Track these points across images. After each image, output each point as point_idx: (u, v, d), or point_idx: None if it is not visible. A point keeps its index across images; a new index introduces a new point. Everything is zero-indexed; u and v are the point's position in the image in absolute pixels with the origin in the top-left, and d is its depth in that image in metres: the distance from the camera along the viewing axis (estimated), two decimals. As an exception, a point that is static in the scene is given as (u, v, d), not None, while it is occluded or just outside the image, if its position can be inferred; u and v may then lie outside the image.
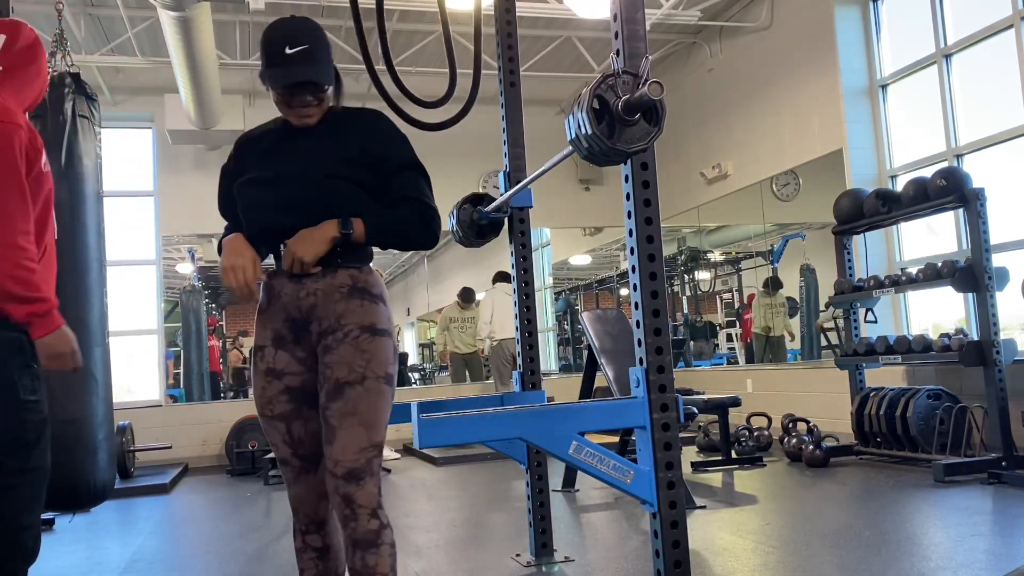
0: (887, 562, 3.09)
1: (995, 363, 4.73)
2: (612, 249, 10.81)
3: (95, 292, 3.88)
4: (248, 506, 5.53)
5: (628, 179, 2.24)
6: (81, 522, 5.06)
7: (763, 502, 4.57)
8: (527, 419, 2.18)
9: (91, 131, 3.97)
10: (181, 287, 8.89)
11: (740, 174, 7.97)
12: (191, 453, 7.85)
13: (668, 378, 2.21)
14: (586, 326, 5.15)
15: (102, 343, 3.90)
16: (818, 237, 7.54)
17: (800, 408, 6.63)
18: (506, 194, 3.29)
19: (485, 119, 4.81)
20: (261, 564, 3.77)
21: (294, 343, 1.97)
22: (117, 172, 7.77)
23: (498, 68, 3.51)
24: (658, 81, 1.81)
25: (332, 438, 1.87)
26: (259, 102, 8.56)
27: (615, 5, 2.19)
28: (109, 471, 3.95)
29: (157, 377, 8.23)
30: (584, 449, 2.16)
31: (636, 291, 2.23)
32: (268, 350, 1.99)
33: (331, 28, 7.60)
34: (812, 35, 6.85)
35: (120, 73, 8.11)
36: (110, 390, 4.01)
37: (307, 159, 2.01)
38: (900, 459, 5.37)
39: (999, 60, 5.63)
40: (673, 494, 2.17)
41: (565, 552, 3.47)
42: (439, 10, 3.12)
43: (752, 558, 3.34)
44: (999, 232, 5.09)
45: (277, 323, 1.99)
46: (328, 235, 1.93)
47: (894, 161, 6.53)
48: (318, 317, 1.94)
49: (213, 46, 6.42)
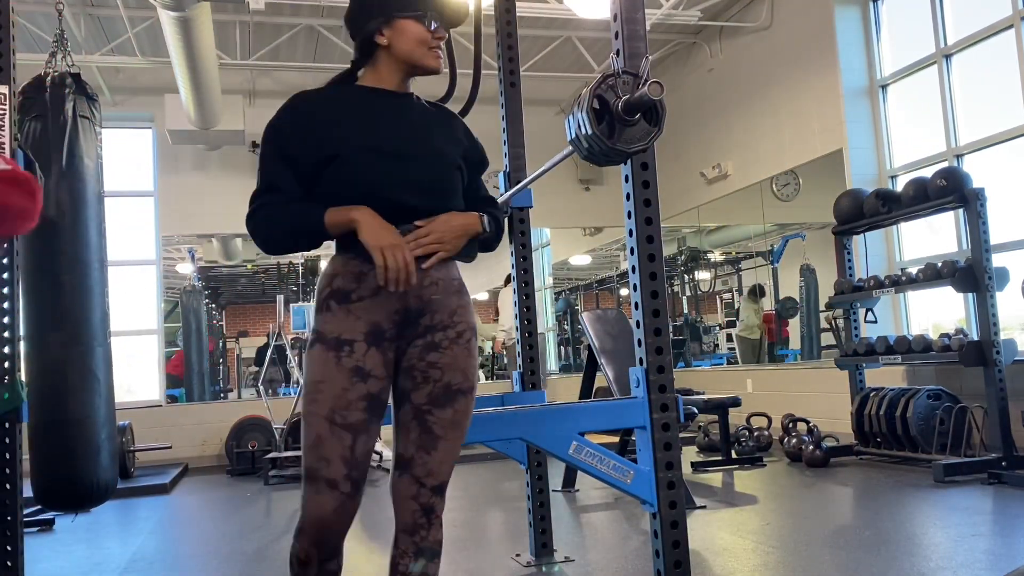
0: (887, 562, 3.09)
1: (995, 363, 4.74)
2: (612, 249, 10.81)
3: (96, 292, 3.88)
4: (248, 506, 5.53)
5: (628, 179, 2.25)
6: (81, 522, 5.06)
7: (763, 502, 4.57)
8: (527, 419, 2.19)
9: (92, 131, 3.97)
10: (181, 287, 8.89)
11: (740, 174, 7.97)
12: (191, 453, 7.85)
13: (668, 378, 2.21)
14: (586, 326, 5.16)
15: (104, 343, 3.90)
16: (818, 237, 7.54)
17: (800, 408, 6.63)
18: (506, 194, 3.30)
19: (485, 119, 4.81)
20: (261, 564, 3.77)
21: (390, 340, 1.76)
22: (117, 172, 7.77)
23: (498, 68, 3.51)
24: (658, 81, 1.81)
25: (432, 448, 1.75)
26: (259, 102, 8.57)
27: (615, 5, 2.19)
28: (111, 471, 3.95)
29: (157, 377, 8.24)
30: (584, 449, 2.16)
31: (636, 291, 2.23)
32: (359, 345, 1.72)
33: (331, 28, 7.61)
34: (812, 35, 6.85)
35: (120, 73, 8.12)
36: (112, 390, 4.01)
37: (435, 141, 1.86)
38: (900, 459, 5.37)
39: (999, 60, 5.63)
40: (673, 494, 2.17)
41: (565, 552, 3.47)
42: (439, 10, 3.11)
43: (752, 558, 3.35)
44: (999, 232, 5.09)
45: (379, 315, 1.74)
46: (473, 229, 1.81)
47: (894, 161, 6.53)
48: (433, 310, 1.78)
49: (213, 46, 6.42)
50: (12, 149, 2.79)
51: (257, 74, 8.43)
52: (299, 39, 7.88)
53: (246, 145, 8.34)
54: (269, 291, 9.46)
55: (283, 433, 6.85)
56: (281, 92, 8.69)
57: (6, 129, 2.78)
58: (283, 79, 8.64)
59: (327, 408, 1.70)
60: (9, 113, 2.79)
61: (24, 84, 3.74)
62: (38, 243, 3.73)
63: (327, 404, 1.70)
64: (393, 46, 1.82)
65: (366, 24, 1.83)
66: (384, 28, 1.81)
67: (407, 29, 1.81)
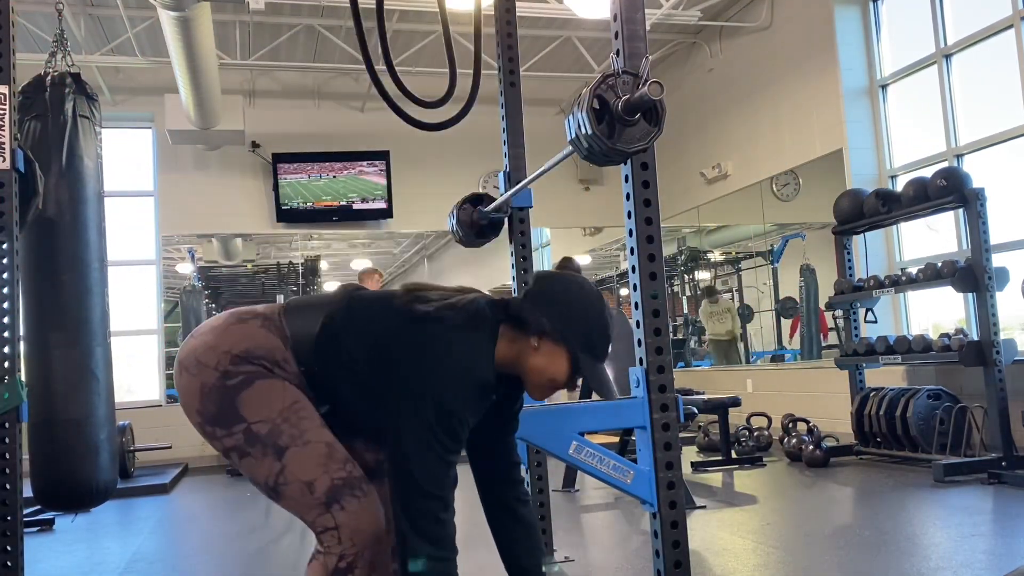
0: (887, 562, 3.09)
1: (995, 363, 4.73)
2: (612, 249, 10.81)
3: (96, 292, 3.88)
4: (248, 506, 5.53)
5: (628, 179, 2.24)
6: (81, 522, 5.06)
7: (763, 502, 4.57)
8: (527, 419, 2.18)
9: (92, 131, 3.97)
10: (181, 287, 8.89)
11: (740, 174, 7.97)
12: (191, 453, 7.84)
13: (668, 378, 2.21)
14: (586, 326, 5.15)
15: (103, 343, 3.90)
16: (818, 237, 7.54)
17: (800, 408, 6.63)
18: (506, 194, 3.29)
19: (485, 119, 4.80)
20: (261, 564, 3.77)
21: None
22: (117, 172, 7.77)
23: (498, 68, 3.51)
24: (658, 81, 1.81)
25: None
26: (259, 102, 8.57)
27: (615, 5, 2.19)
28: (111, 471, 3.95)
29: (157, 377, 8.23)
30: (584, 449, 2.16)
31: (636, 291, 2.23)
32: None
33: (331, 28, 7.61)
34: (812, 35, 6.85)
35: (120, 73, 8.11)
36: (112, 390, 4.01)
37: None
38: (900, 459, 5.37)
39: (999, 60, 5.63)
40: (673, 494, 2.17)
41: (565, 552, 3.47)
42: (439, 10, 3.11)
43: (752, 558, 3.34)
44: (999, 232, 5.09)
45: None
46: None
47: (894, 161, 6.53)
48: None
49: (213, 46, 6.42)
50: (12, 149, 2.79)
51: (257, 74, 8.43)
52: (299, 39, 7.87)
53: (246, 145, 8.34)
54: (269, 291, 9.46)
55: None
56: (281, 92, 8.69)
57: (6, 129, 2.78)
58: (283, 79, 8.64)
59: (318, 418, 1.74)
60: (9, 113, 2.78)
61: (24, 84, 3.74)
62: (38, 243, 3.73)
63: (315, 416, 1.74)
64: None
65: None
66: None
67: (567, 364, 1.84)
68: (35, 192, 3.05)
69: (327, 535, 1.70)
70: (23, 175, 2.88)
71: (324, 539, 1.71)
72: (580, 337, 1.83)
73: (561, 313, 1.82)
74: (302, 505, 1.72)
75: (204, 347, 1.76)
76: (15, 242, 2.77)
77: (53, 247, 3.73)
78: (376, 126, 8.56)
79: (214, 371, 1.72)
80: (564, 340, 1.81)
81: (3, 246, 2.75)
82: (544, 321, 1.79)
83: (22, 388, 2.72)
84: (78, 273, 3.77)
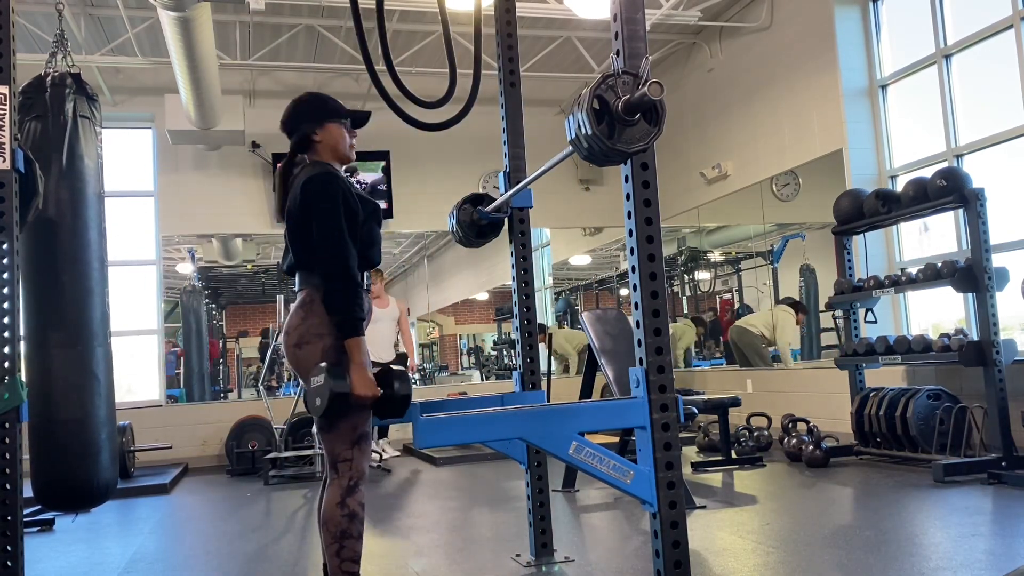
0: (887, 562, 3.09)
1: (995, 363, 4.74)
2: (612, 249, 10.81)
3: (97, 292, 3.88)
4: (248, 506, 5.53)
5: (628, 179, 2.25)
6: (81, 522, 5.06)
7: (763, 502, 4.57)
8: (527, 419, 2.19)
9: (92, 131, 3.97)
10: (181, 287, 8.89)
11: (740, 174, 7.97)
12: (191, 453, 7.85)
13: (668, 378, 2.21)
14: (586, 326, 5.15)
15: (104, 343, 3.90)
16: (818, 237, 7.54)
17: (800, 408, 6.63)
18: (506, 194, 3.30)
19: (485, 119, 4.81)
20: (261, 564, 3.77)
21: None
22: (117, 172, 7.77)
23: (498, 68, 3.51)
24: (658, 81, 1.81)
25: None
26: (259, 102, 8.57)
27: (615, 5, 2.20)
28: (111, 471, 3.95)
29: (157, 377, 8.23)
30: (584, 449, 2.16)
31: (636, 291, 2.23)
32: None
33: (331, 28, 7.61)
34: (812, 35, 6.85)
35: (120, 73, 8.12)
36: (112, 390, 4.01)
37: None
38: (900, 459, 5.37)
39: (999, 60, 5.63)
40: (673, 494, 2.17)
41: (565, 552, 3.47)
42: (439, 10, 3.12)
43: (752, 558, 3.35)
44: (999, 232, 5.09)
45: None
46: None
47: (894, 161, 6.53)
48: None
49: (213, 46, 6.42)
50: (12, 149, 2.79)
51: (257, 74, 8.43)
52: (299, 39, 7.88)
53: (246, 145, 8.34)
54: (269, 291, 9.46)
55: (283, 433, 6.85)
56: (281, 92, 8.68)
57: (6, 129, 2.78)
58: (283, 79, 8.63)
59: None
60: (9, 113, 2.79)
61: (24, 84, 3.74)
62: (38, 243, 3.73)
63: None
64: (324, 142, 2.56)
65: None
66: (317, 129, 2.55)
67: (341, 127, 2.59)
68: (35, 192, 3.05)
69: (343, 464, 2.33)
70: (23, 175, 2.88)
71: (340, 467, 2.34)
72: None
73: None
74: (340, 438, 2.34)
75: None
76: (15, 242, 2.77)
77: (53, 247, 3.73)
78: (376, 126, 8.52)
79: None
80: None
81: (3, 246, 2.75)
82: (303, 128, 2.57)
83: (22, 388, 2.73)
84: (78, 273, 3.77)
